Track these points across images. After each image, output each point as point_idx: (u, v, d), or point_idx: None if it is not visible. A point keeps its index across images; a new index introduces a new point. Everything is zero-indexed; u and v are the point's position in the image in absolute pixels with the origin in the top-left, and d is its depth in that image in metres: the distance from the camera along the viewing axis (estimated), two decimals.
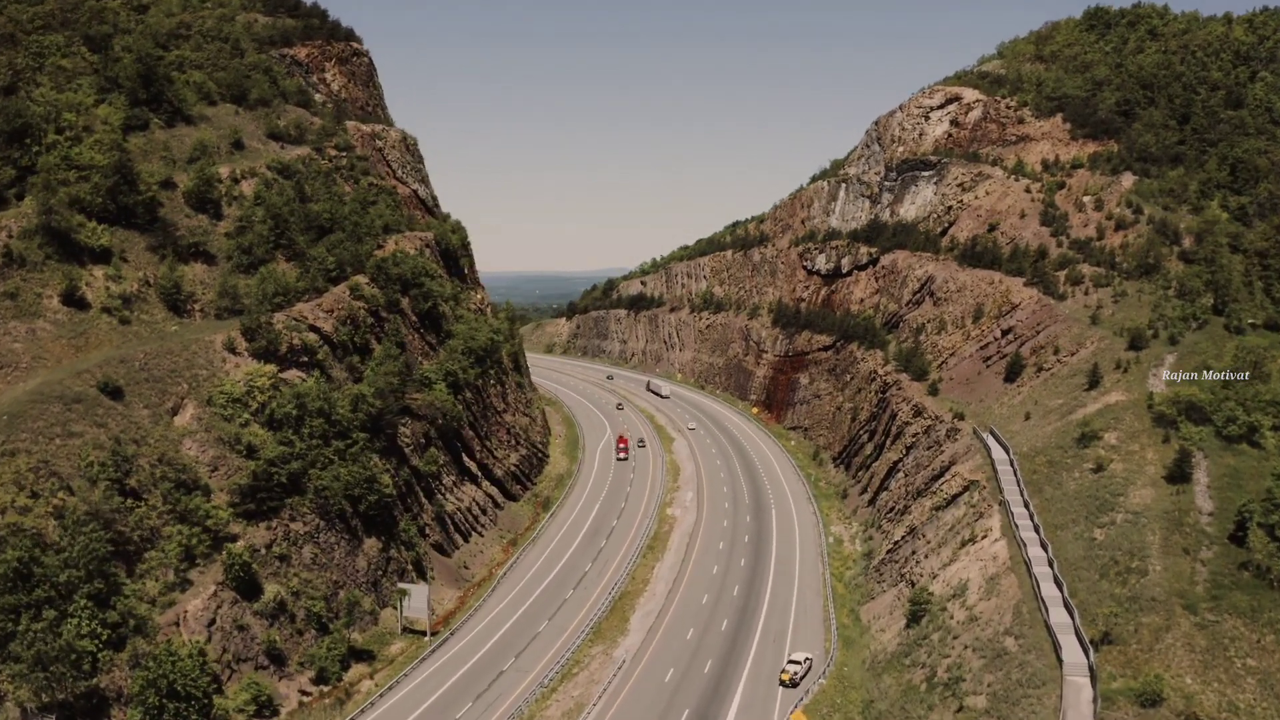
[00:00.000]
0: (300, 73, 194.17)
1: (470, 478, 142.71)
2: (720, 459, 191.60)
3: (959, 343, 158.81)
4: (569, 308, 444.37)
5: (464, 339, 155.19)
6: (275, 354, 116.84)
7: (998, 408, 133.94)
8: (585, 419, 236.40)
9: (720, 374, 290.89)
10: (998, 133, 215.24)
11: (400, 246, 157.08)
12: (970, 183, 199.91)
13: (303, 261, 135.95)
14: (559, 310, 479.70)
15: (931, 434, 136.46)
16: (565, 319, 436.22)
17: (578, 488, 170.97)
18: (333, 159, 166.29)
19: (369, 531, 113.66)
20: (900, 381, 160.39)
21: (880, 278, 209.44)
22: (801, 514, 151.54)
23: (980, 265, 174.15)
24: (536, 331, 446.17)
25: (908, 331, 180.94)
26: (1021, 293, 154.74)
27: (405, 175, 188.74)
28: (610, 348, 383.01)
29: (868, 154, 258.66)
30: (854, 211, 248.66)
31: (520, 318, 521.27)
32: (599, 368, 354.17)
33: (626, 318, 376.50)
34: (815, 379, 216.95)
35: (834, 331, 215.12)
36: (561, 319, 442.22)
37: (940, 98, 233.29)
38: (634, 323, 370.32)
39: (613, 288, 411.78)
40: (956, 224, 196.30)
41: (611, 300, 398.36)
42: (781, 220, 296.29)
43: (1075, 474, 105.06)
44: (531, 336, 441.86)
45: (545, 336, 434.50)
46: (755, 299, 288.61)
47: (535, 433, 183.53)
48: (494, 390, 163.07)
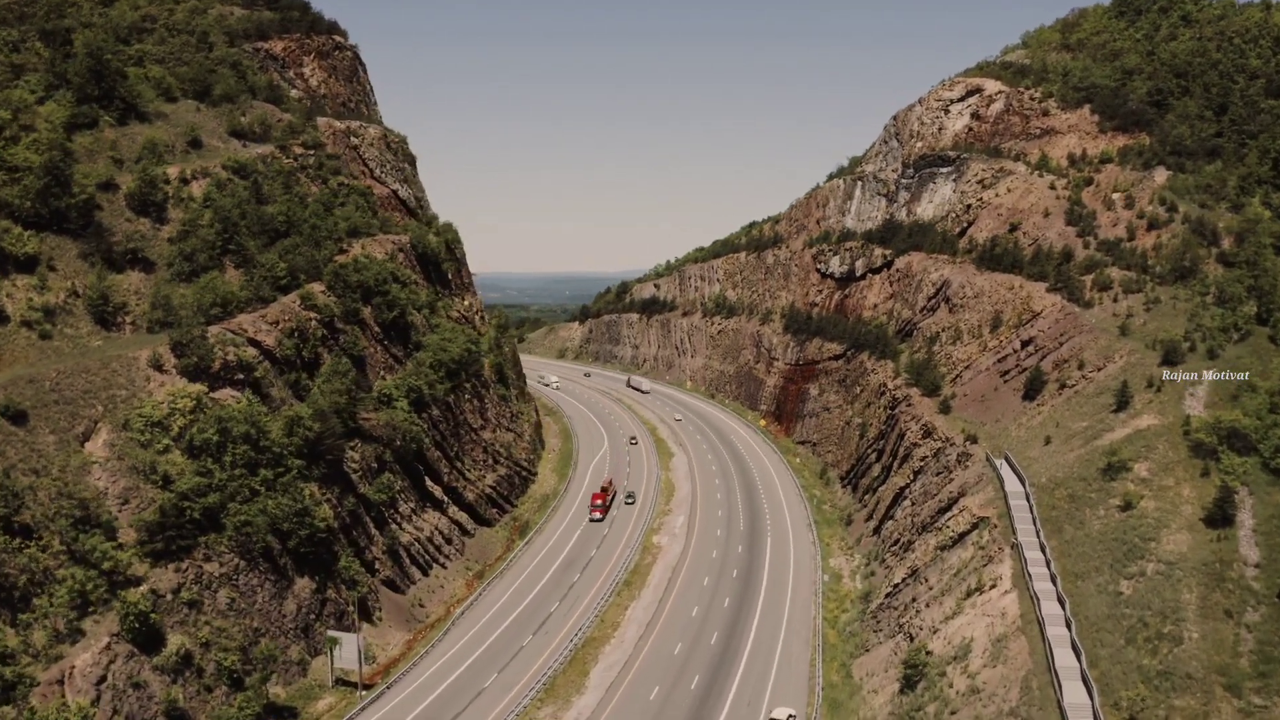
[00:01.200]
0: (275, 68, 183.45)
1: (434, 504, 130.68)
2: (720, 478, 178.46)
3: (975, 354, 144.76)
4: (581, 311, 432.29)
5: (435, 351, 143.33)
6: (207, 371, 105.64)
7: (1015, 429, 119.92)
8: (585, 431, 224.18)
9: (731, 382, 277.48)
10: (1021, 126, 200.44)
11: (367, 251, 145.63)
12: (991, 179, 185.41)
13: (250, 269, 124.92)
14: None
15: (941, 458, 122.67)
16: (578, 323, 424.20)
17: (561, 509, 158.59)
18: (298, 158, 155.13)
19: (301, 570, 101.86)
20: (911, 397, 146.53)
21: (894, 282, 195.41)
22: (799, 544, 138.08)
23: (1000, 269, 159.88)
24: (549, 336, 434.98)
25: (921, 341, 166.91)
26: (1044, 299, 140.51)
27: (384, 175, 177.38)
28: (622, 353, 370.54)
29: (885, 150, 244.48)
30: (870, 211, 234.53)
31: (533, 321, 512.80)
32: (610, 374, 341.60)
33: (639, 322, 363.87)
34: (825, 390, 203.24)
35: (845, 339, 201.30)
36: (574, 323, 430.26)
37: (960, 90, 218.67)
38: (646, 327, 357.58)
39: (626, 290, 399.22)
40: (975, 224, 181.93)
41: (624, 304, 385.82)
42: (797, 220, 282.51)
43: (1100, 511, 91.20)
44: (544, 341, 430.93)
45: (558, 341, 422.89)
46: (768, 303, 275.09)
47: (520, 449, 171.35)
48: (469, 406, 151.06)
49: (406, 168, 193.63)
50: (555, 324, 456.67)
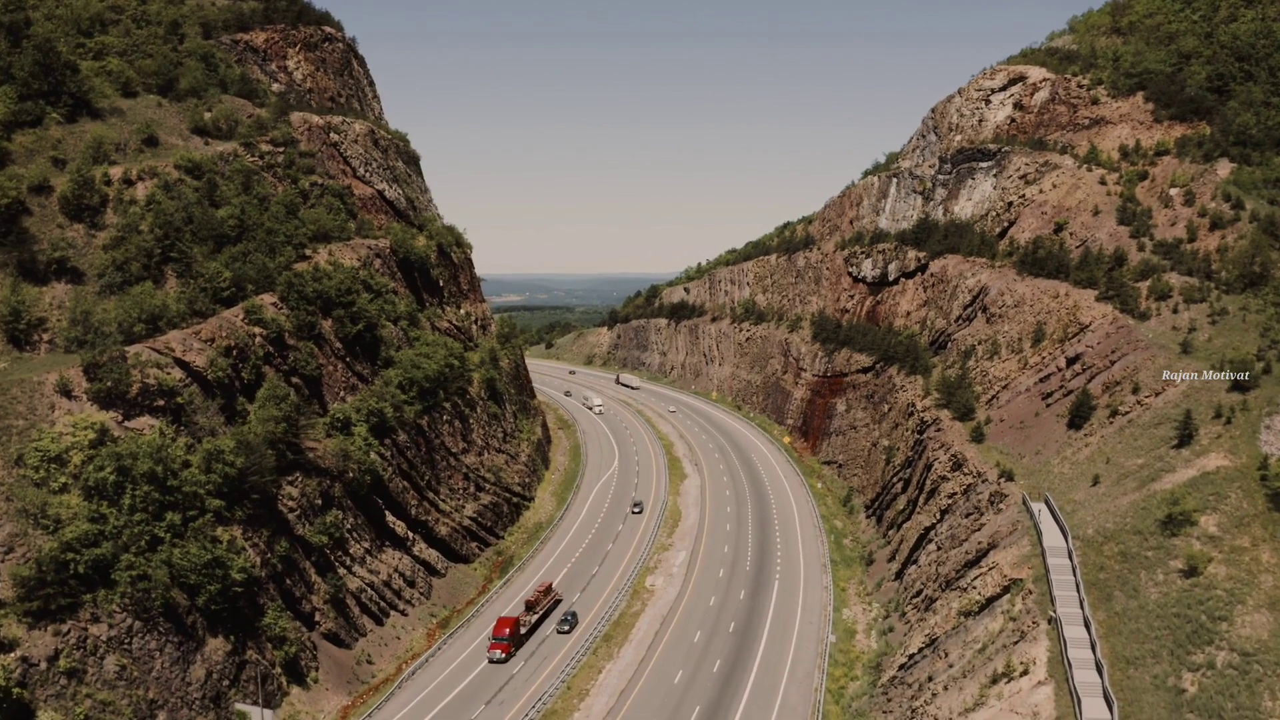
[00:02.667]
0: (256, 60, 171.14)
1: (395, 542, 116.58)
2: (733, 504, 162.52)
3: (1014, 372, 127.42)
4: (610, 316, 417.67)
5: (407, 368, 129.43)
6: (123, 397, 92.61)
7: (1057, 464, 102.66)
8: (596, 448, 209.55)
9: (758, 393, 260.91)
10: (1068, 116, 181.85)
11: (335, 257, 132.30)
12: (1035, 174, 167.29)
13: (189, 279, 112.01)
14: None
15: (971, 496, 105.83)
16: (606, 328, 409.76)
17: (553, 541, 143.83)
18: (264, 155, 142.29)
19: (215, 629, 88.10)
20: (940, 420, 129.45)
21: (928, 287, 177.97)
22: (810, 590, 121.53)
23: (1043, 274, 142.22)
24: (578, 341, 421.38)
25: (955, 354, 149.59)
26: (1092, 310, 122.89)
27: (369, 174, 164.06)
28: (650, 360, 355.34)
29: (923, 145, 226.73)
30: (905, 210, 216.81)
31: (563, 326, 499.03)
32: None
33: (667, 328, 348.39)
34: (853, 406, 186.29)
35: (875, 351, 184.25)
36: (603, 328, 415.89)
37: (1002, 79, 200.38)
38: (674, 333, 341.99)
39: (656, 294, 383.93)
40: (1017, 223, 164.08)
41: (653, 308, 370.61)
42: (829, 220, 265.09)
43: (1158, 576, 74.24)
44: (572, 346, 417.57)
45: (586, 347, 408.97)
46: (798, 309, 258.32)
47: (513, 473, 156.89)
48: (448, 428, 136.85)
49: (399, 166, 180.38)
50: (585, 329, 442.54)
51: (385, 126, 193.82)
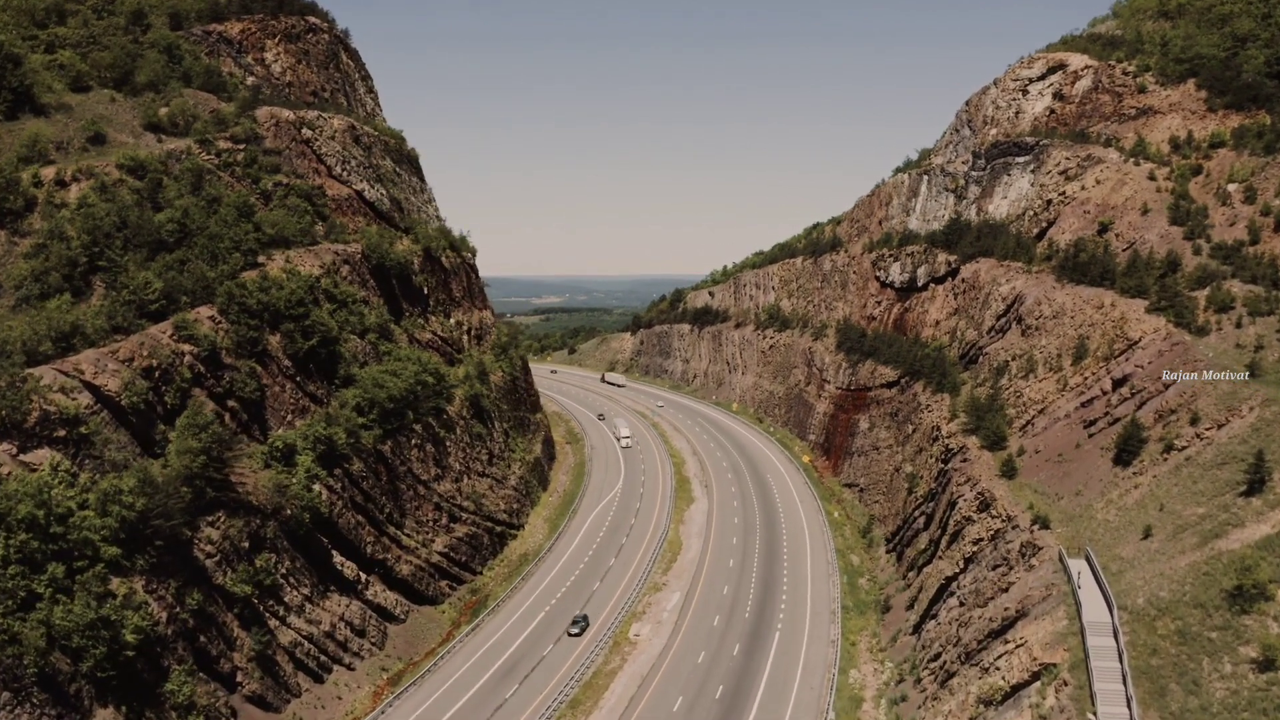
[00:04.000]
0: (230, 52, 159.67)
1: (343, 586, 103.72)
2: (740, 534, 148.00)
3: (1051, 394, 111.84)
4: (633, 321, 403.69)
5: (368, 387, 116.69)
6: (20, 427, 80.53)
7: (1101, 508, 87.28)
8: (602, 465, 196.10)
9: (780, 405, 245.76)
10: (1112, 106, 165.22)
11: (292, 264, 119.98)
12: (1076, 169, 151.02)
13: (113, 291, 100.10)
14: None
15: (999, 546, 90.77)
16: (629, 334, 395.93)
17: (537, 576, 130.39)
18: (221, 153, 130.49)
19: (104, 698, 75.59)
20: (967, 449, 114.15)
21: (959, 294, 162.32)
22: (815, 644, 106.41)
23: (1086, 280, 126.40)
24: (601, 347, 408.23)
25: (986, 370, 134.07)
26: (1143, 323, 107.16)
27: (347, 172, 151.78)
28: (672, 367, 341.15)
29: (956, 140, 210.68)
30: (936, 209, 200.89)
31: (588, 331, 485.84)
32: (654, 392, 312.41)
33: (690, 334, 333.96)
34: (876, 424, 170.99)
35: (900, 364, 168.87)
36: (626, 333, 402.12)
37: (1041, 67, 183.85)
38: (697, 340, 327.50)
39: (680, 299, 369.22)
40: (1057, 223, 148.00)
41: (677, 313, 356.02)
42: (858, 221, 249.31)
43: (1226, 667, 59.18)
44: (595, 352, 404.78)
45: (609, 353, 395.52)
46: (823, 315, 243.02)
47: (498, 499, 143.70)
48: (417, 454, 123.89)
49: (385, 165, 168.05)
50: (608, 334, 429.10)
51: (374, 123, 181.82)
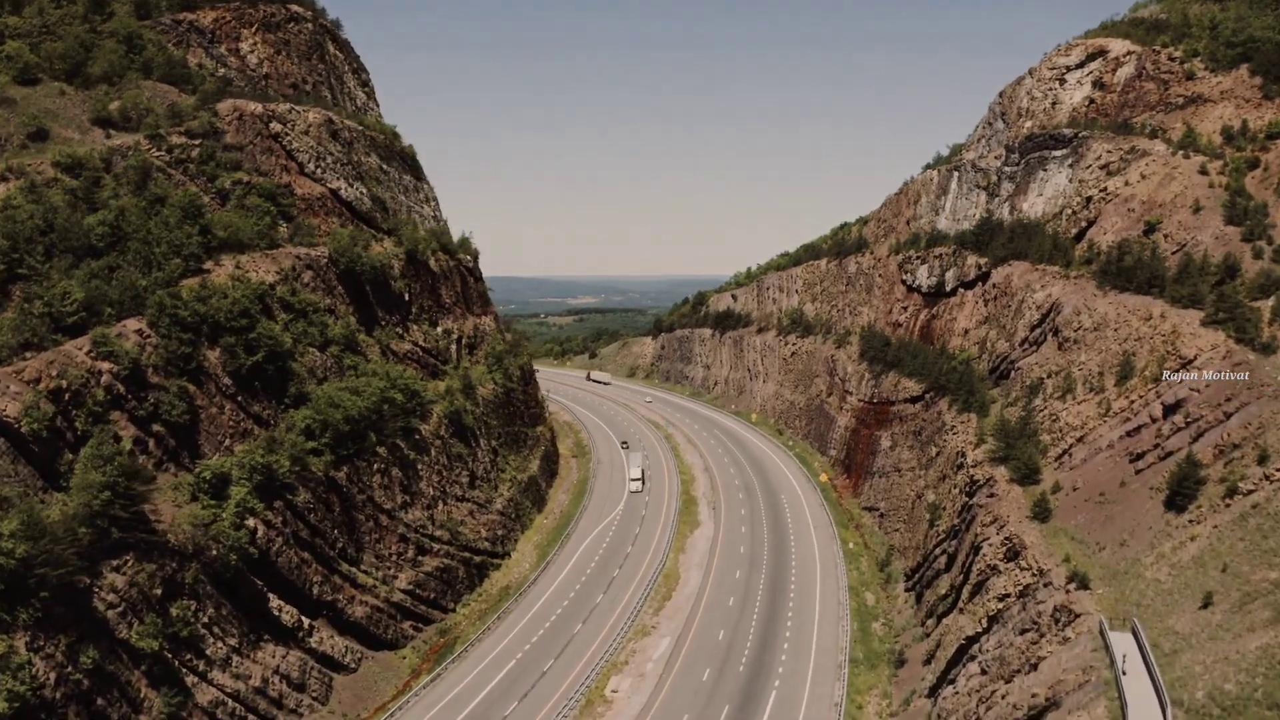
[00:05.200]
0: (201, 42, 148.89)
1: (280, 634, 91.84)
2: (744, 566, 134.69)
3: (1092, 419, 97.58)
4: (655, 325, 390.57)
5: (321, 407, 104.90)
6: None
7: (1150, 564, 73.21)
8: (605, 481, 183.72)
9: (801, 416, 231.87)
10: (1158, 94, 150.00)
11: (243, 271, 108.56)
12: (1119, 163, 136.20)
13: (27, 303, 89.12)
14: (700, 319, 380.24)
15: (1029, 606, 76.92)
16: (650, 338, 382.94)
17: (516, 613, 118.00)
18: (174, 149, 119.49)
19: None
20: (994, 482, 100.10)
21: (989, 300, 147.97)
22: (816, 704, 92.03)
23: (1131, 287, 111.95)
24: (622, 352, 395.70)
25: (1018, 388, 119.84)
26: (1198, 338, 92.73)
27: (320, 170, 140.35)
28: (693, 374, 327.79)
29: (989, 134, 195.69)
30: (967, 208, 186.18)
31: (610, 334, 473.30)
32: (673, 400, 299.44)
33: (711, 339, 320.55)
34: (898, 443, 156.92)
35: (925, 377, 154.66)
36: (648, 337, 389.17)
37: (1079, 54, 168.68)
38: (718, 345, 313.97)
39: (703, 302, 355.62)
40: (1097, 223, 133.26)
41: (699, 316, 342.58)
42: (885, 221, 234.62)
43: None
44: (616, 357, 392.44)
45: (630, 358, 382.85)
46: (847, 320, 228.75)
47: (480, 526, 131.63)
48: (379, 480, 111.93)
49: (369, 162, 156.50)
50: (630, 338, 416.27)
51: (363, 118, 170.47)
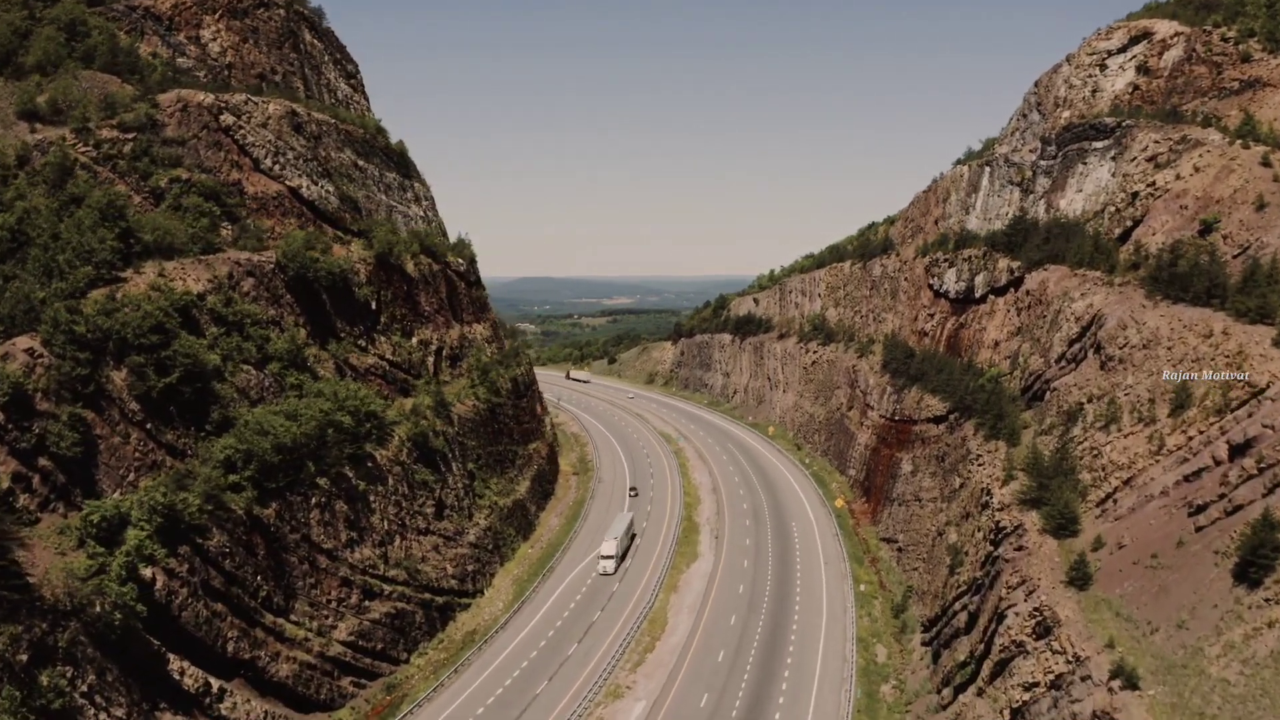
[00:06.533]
0: (157, 30, 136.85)
1: (181, 701, 78.46)
2: (743, 609, 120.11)
3: (1142, 457, 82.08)
4: (675, 330, 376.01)
5: (247, 435, 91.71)
6: None
7: (1217, 658, 57.88)
8: (604, 502, 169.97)
9: (820, 431, 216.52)
10: (1210, 79, 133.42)
11: (168, 280, 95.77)
12: (1168, 155, 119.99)
13: None
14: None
15: (1061, 703, 61.88)
16: (670, 343, 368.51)
17: (474, 668, 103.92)
18: (103, 144, 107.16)
19: None
20: (1024, 530, 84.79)
21: (1022, 309, 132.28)
22: None
23: (1187, 298, 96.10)
24: (641, 357, 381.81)
25: (1054, 412, 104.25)
26: (1271, 361, 77.06)
27: (279, 166, 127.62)
28: (712, 381, 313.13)
29: (1024, 126, 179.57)
30: (999, 205, 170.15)
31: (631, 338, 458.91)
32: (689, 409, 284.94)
33: (731, 345, 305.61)
34: (919, 468, 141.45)
35: (950, 395, 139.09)
36: (667, 342, 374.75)
37: (1121, 37, 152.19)
38: (738, 351, 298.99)
39: (725, 305, 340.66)
40: (1145, 221, 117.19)
41: (720, 321, 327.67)
42: (913, 221, 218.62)
43: None
44: (635, 363, 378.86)
45: (649, 363, 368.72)
46: (871, 327, 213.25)
47: (445, 563, 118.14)
48: (318, 516, 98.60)
49: (341, 158, 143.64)
50: (650, 343, 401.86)
51: (338, 110, 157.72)
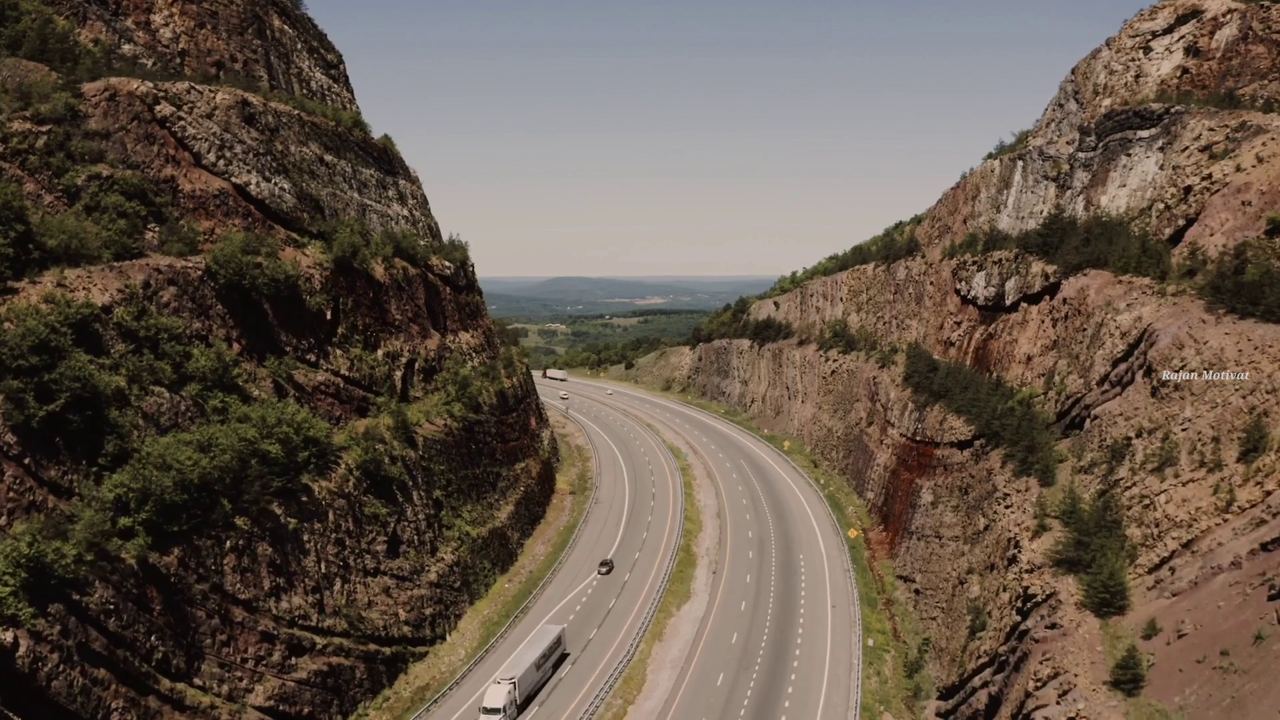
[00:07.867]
0: (102, 15, 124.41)
1: None
2: (732, 666, 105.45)
3: (1206, 511, 66.81)
4: (693, 334, 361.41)
5: (140, 472, 78.38)
6: None
7: None
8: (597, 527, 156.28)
9: (839, 447, 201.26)
10: (1269, 59, 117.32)
11: (68, 290, 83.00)
12: (1225, 144, 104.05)
13: None
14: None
15: None
16: (689, 348, 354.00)
17: None
18: (14, 138, 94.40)
19: None
20: (1059, 602, 69.58)
21: (1059, 320, 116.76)
22: None
23: (1257, 312, 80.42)
24: (659, 362, 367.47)
25: (1096, 447, 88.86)
26: None
27: (225, 161, 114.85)
28: (730, 389, 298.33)
29: (1060, 116, 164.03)
30: (1033, 202, 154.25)
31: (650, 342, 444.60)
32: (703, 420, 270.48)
33: (749, 351, 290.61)
34: (940, 498, 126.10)
35: (976, 416, 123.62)
36: (686, 347, 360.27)
37: (1167, 17, 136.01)
38: (757, 358, 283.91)
39: (745, 309, 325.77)
40: (1200, 220, 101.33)
41: (739, 325, 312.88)
42: (940, 220, 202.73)
43: None
44: (653, 368, 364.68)
45: (667, 369, 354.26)
46: (894, 335, 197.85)
47: (399, 607, 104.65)
48: (233, 562, 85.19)
49: (304, 152, 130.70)
50: (669, 347, 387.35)
51: (306, 102, 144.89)
